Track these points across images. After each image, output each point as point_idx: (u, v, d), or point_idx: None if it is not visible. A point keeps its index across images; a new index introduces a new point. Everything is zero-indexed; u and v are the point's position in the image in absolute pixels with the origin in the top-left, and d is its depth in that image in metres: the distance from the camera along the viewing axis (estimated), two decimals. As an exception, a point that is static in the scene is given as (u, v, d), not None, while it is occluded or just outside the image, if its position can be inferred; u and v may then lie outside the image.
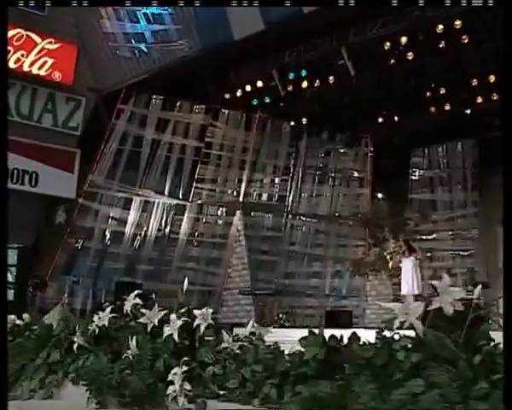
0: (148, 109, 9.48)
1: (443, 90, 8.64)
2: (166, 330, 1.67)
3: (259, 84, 9.20)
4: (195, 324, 1.70)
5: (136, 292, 1.81)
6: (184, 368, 1.55)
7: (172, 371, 1.55)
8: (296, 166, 10.75)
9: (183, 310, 1.81)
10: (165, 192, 9.77)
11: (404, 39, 8.00)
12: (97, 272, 8.93)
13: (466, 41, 7.31)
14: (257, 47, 8.13)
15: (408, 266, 9.03)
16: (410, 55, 8.02)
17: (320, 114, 9.59)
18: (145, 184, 9.56)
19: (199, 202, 9.96)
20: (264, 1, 6.71)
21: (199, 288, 10.06)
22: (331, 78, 8.65)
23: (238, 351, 1.70)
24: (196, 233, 10.01)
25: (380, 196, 12.22)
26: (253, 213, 10.45)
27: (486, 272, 11.16)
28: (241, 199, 10.15)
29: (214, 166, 10.00)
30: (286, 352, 1.76)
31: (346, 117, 9.65)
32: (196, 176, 9.89)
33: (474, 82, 8.32)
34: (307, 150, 10.80)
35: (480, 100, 8.83)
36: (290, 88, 8.99)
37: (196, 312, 1.76)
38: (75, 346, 1.76)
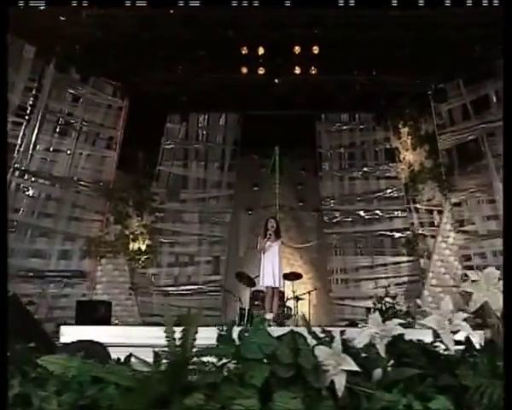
0: None
1: (262, 51, 10.47)
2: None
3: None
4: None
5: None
6: None
7: None
8: (35, 107, 11.31)
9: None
10: None
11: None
12: None
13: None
14: None
15: (274, 252, 9.62)
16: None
17: (93, 44, 10.40)
18: None
19: None
20: (264, 1, 7.69)
21: None
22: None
23: None
24: None
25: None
26: (-32, 164, 10.46)
27: (227, 260, 14.43)
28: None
29: None
30: None
31: (120, 57, 10.82)
32: None
33: (297, 49, 10.39)
34: (53, 90, 11.51)
35: (298, 70, 11.02)
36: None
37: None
38: None
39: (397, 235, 13.82)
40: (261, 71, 10.82)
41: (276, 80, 11.07)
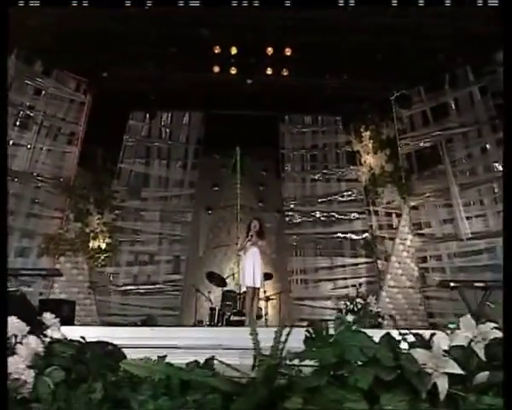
0: None
1: (234, 50, 10.53)
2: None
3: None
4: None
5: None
6: None
7: None
8: (-4, 99, 10.88)
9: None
10: None
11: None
12: None
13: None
14: None
15: (255, 253, 9.70)
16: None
17: (60, 37, 10.08)
18: None
19: None
20: (264, 1, 7.72)
21: None
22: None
23: None
24: None
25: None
26: None
27: (187, 259, 14.29)
28: None
29: None
30: None
31: (88, 51, 10.55)
32: None
33: (270, 51, 10.51)
34: (14, 81, 11.11)
35: (269, 71, 11.16)
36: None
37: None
38: None
39: (356, 237, 14.04)
40: (233, 71, 10.79)
41: (249, 81, 11.03)
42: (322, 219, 14.23)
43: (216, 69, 11.33)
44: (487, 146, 12.06)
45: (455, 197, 12.42)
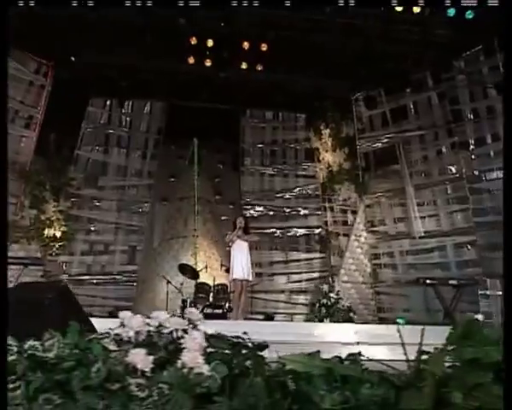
0: None
1: (211, 43, 10.50)
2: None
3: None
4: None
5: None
6: None
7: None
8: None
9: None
10: None
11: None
12: None
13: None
14: None
15: (243, 247, 10.05)
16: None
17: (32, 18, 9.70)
18: None
19: None
20: (264, 1, 7.65)
21: None
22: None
23: None
24: None
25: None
26: None
27: (143, 250, 14.06)
28: None
29: None
30: None
31: (60, 34, 10.18)
32: None
33: (246, 45, 10.53)
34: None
35: (244, 66, 11.19)
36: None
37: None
38: None
39: (311, 232, 14.23)
40: (207, 63, 10.71)
41: (222, 74, 10.97)
42: (278, 213, 14.34)
43: (187, 61, 11.20)
44: (443, 149, 12.54)
45: (410, 197, 12.82)
